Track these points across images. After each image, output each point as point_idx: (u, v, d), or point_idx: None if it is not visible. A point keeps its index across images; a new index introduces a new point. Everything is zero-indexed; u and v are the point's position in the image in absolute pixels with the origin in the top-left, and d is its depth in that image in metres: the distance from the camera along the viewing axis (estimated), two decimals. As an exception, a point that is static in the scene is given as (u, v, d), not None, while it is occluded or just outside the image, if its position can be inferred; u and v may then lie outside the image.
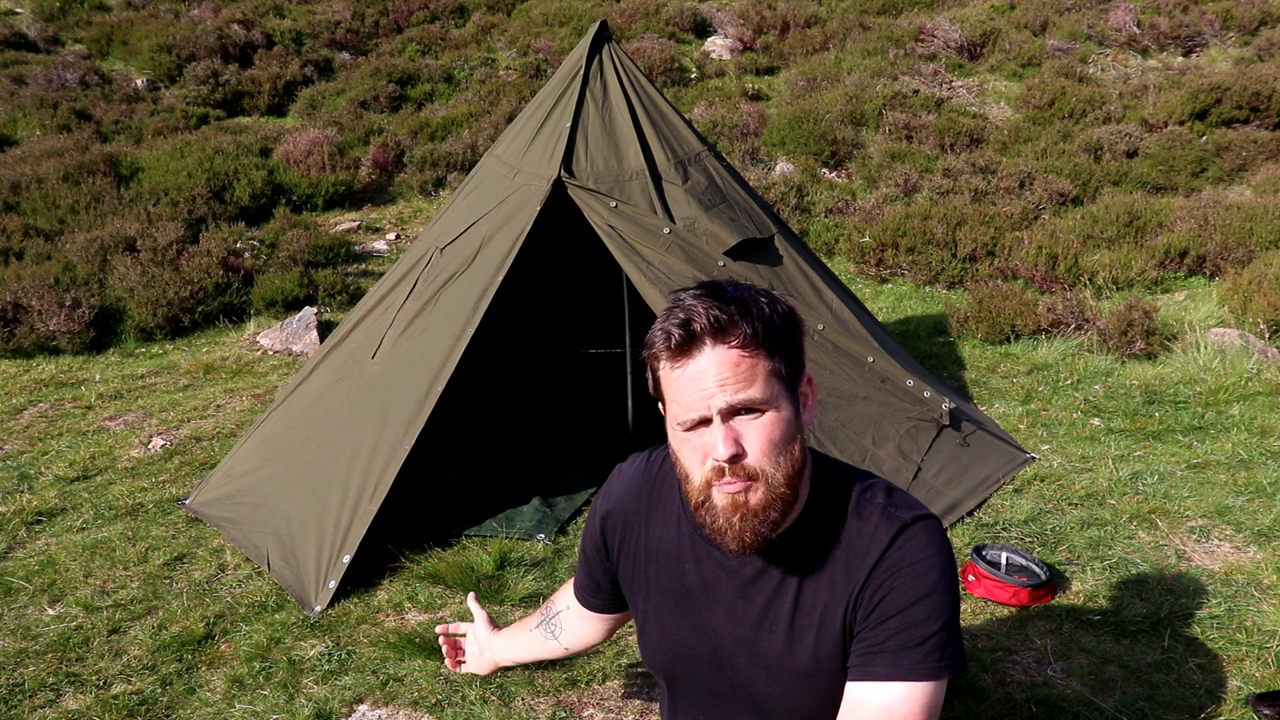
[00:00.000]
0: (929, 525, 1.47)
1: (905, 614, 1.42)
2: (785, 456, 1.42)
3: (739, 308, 1.39)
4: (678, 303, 1.42)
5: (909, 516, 1.47)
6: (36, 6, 14.53)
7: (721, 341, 1.38)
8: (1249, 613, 3.24)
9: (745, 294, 1.43)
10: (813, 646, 1.49)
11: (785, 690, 1.54)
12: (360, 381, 3.77)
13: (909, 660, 1.42)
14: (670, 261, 3.62)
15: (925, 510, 1.51)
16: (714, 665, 1.59)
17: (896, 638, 1.42)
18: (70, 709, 2.96)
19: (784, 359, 1.42)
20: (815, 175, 8.87)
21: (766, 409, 1.40)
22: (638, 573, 1.66)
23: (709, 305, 1.39)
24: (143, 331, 6.19)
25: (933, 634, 1.42)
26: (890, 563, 1.44)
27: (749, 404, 1.39)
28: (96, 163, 8.26)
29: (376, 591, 3.51)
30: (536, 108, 3.88)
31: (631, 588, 1.69)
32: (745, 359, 1.38)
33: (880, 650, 1.43)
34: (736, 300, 1.41)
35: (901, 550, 1.44)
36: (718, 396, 1.38)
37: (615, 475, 1.75)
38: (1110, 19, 12.32)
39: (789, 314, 1.45)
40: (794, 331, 1.46)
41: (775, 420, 1.41)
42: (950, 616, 1.45)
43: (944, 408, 3.89)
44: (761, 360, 1.39)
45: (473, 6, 14.68)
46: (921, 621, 1.42)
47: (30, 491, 4.28)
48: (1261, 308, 5.62)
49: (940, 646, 1.43)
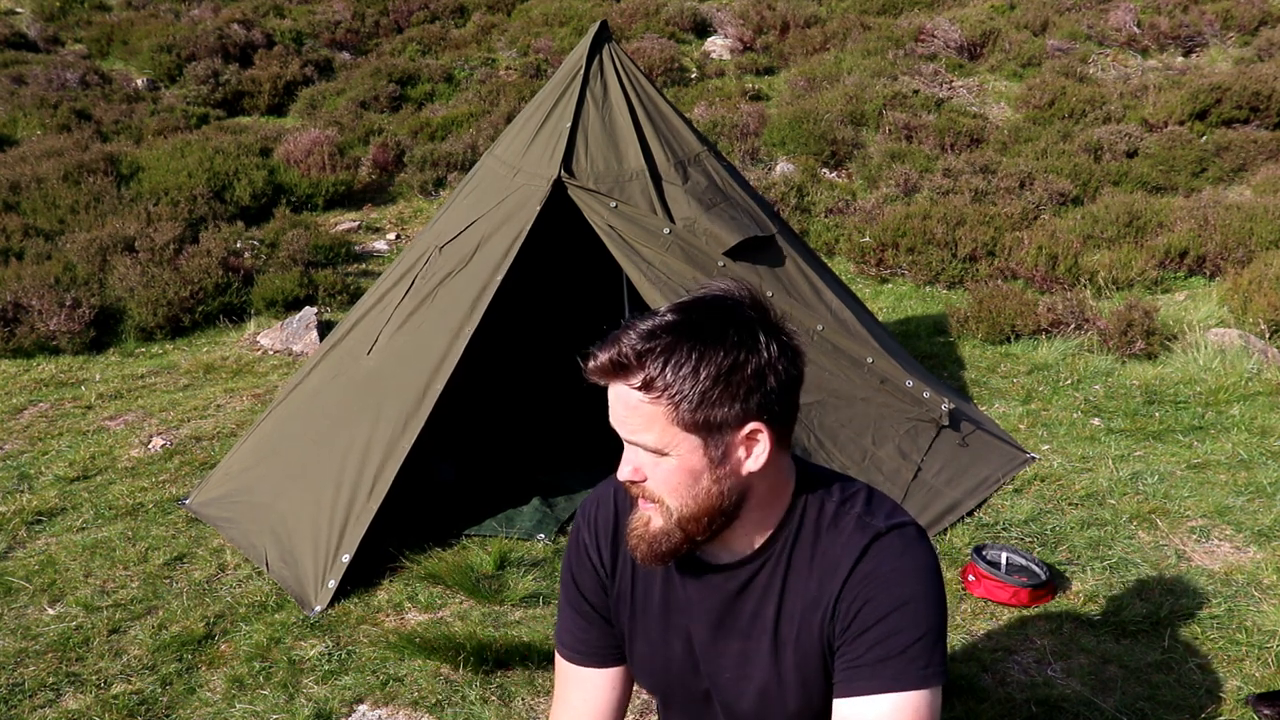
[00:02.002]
0: (905, 533, 1.44)
1: (883, 623, 1.38)
2: (690, 498, 1.39)
3: (662, 349, 1.32)
4: (626, 322, 1.39)
5: (884, 525, 1.43)
6: (36, 6, 14.53)
7: (623, 380, 1.36)
8: (1249, 613, 3.24)
9: (681, 338, 1.33)
10: (796, 661, 1.48)
11: (773, 706, 1.53)
12: (355, 378, 3.77)
13: (890, 671, 1.38)
14: (670, 262, 3.62)
15: (904, 518, 1.47)
16: (702, 681, 1.58)
17: (877, 648, 1.38)
18: (70, 709, 2.96)
19: (704, 411, 1.34)
20: (815, 175, 8.87)
21: (668, 455, 1.37)
22: (624, 597, 1.63)
23: (629, 338, 1.35)
24: (143, 331, 6.18)
25: (914, 641, 1.38)
26: (863, 573, 1.40)
27: (643, 446, 1.38)
28: (96, 163, 8.25)
29: (376, 591, 3.51)
30: (536, 108, 3.88)
31: (621, 612, 1.66)
32: (643, 404, 1.34)
33: (860, 663, 1.40)
34: (665, 343, 1.33)
35: (875, 560, 1.41)
36: (619, 426, 1.39)
37: (581, 517, 1.69)
38: (1110, 19, 12.32)
39: (732, 370, 1.33)
40: (734, 388, 1.34)
41: (675, 468, 1.37)
42: (934, 624, 1.40)
43: (943, 408, 3.89)
44: (664, 408, 1.34)
45: (473, 6, 14.67)
46: (901, 630, 1.38)
47: (30, 491, 4.28)
48: (1261, 308, 5.62)
49: (925, 653, 1.38)
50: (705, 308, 1.38)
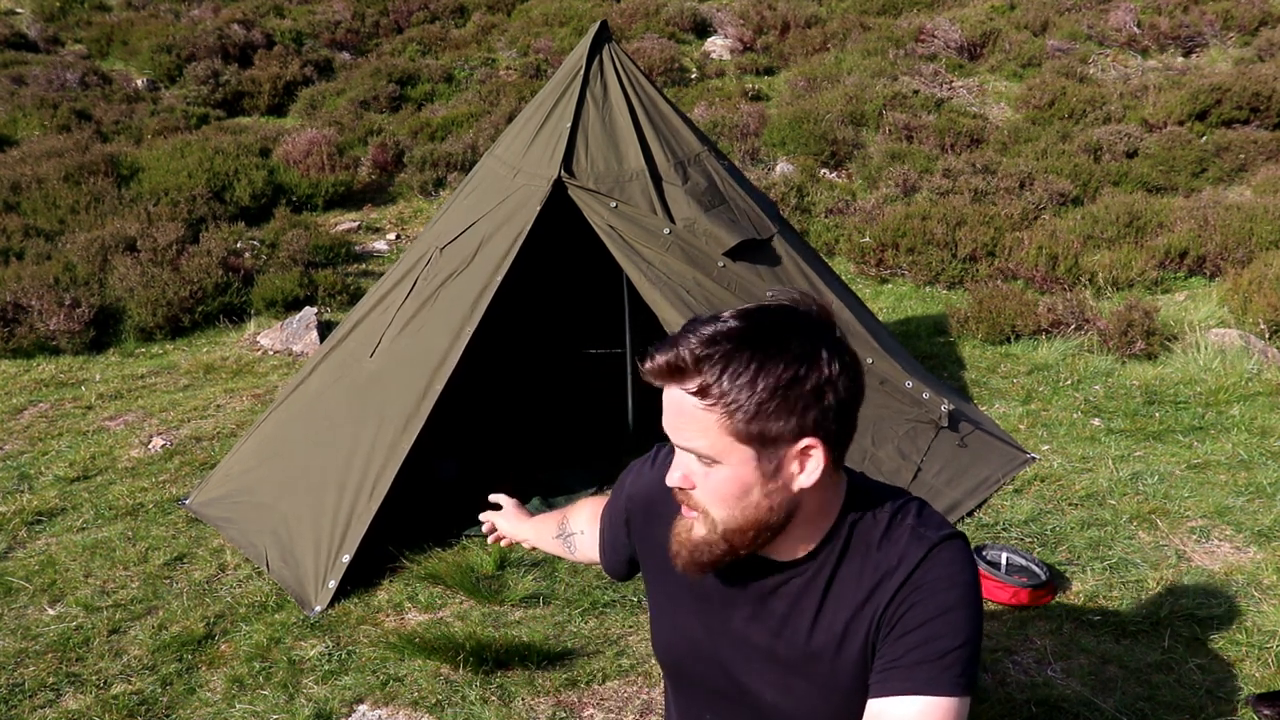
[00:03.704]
0: (956, 545, 1.44)
1: (925, 628, 1.39)
2: (738, 510, 1.38)
3: (722, 356, 1.30)
4: (687, 324, 1.36)
5: (937, 536, 1.44)
6: (36, 6, 14.53)
7: (679, 384, 1.33)
8: (1249, 613, 3.24)
9: (742, 346, 1.31)
10: (830, 664, 1.47)
11: (794, 705, 1.53)
12: (358, 380, 3.77)
13: (925, 674, 1.38)
14: (670, 262, 3.62)
15: (953, 530, 1.48)
16: (722, 669, 1.58)
17: (915, 652, 1.39)
18: (70, 709, 2.96)
19: (759, 423, 1.32)
20: (815, 175, 8.87)
21: (719, 464, 1.35)
22: (657, 559, 1.63)
23: (689, 342, 1.32)
24: (143, 331, 6.19)
25: (953, 649, 1.38)
26: (915, 581, 1.41)
27: (695, 453, 1.36)
28: (96, 163, 8.25)
29: (376, 591, 3.51)
30: (536, 108, 3.88)
31: (648, 575, 1.67)
32: (698, 410, 1.32)
33: (898, 665, 1.40)
34: (724, 350, 1.31)
35: (927, 569, 1.42)
36: (672, 432, 1.37)
37: (649, 459, 1.70)
38: (1110, 19, 12.32)
39: (791, 383, 1.31)
40: (792, 402, 1.32)
41: (726, 478, 1.36)
42: (971, 634, 1.40)
43: (943, 409, 3.90)
44: (718, 416, 1.32)
45: (473, 6, 14.68)
46: (941, 636, 1.38)
47: (30, 491, 4.29)
48: (1261, 308, 5.62)
49: (961, 662, 1.38)
50: (770, 317, 1.35)
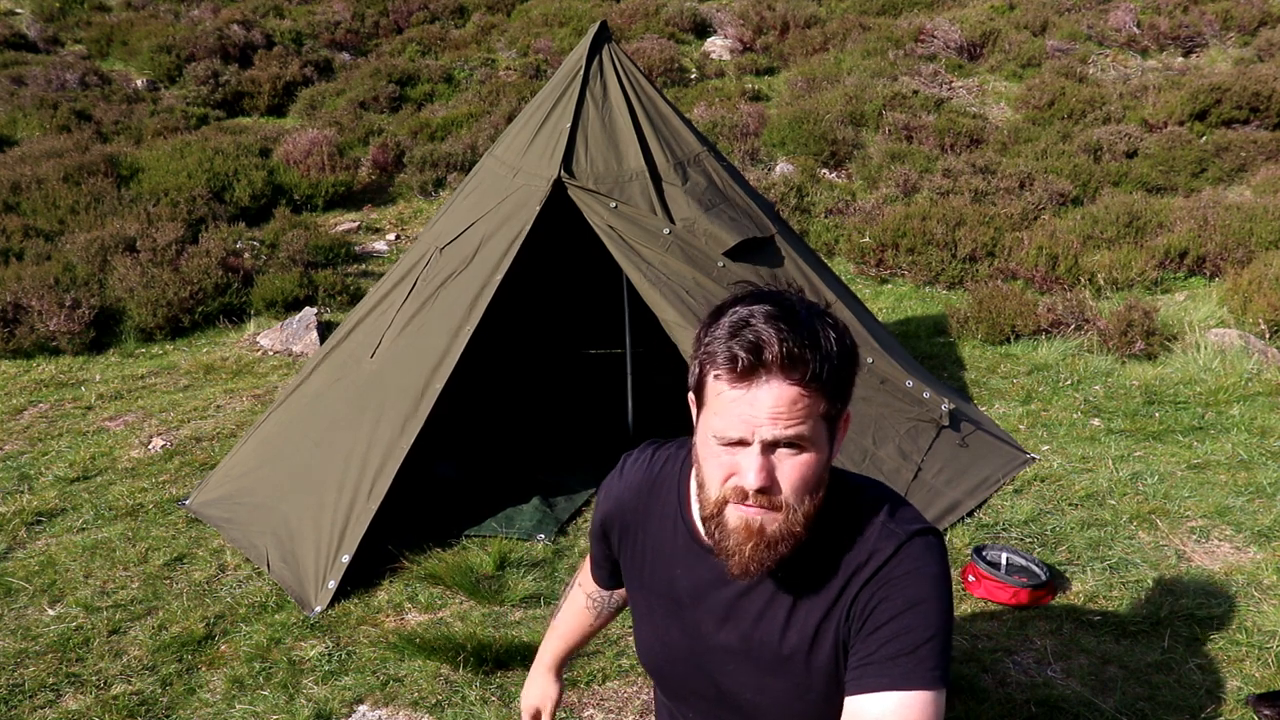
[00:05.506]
0: (927, 540, 1.45)
1: (896, 621, 1.40)
2: (811, 498, 1.38)
3: (811, 342, 1.31)
4: (747, 320, 1.33)
5: (906, 532, 1.45)
6: (36, 6, 14.54)
7: (787, 377, 1.31)
8: (1249, 613, 3.24)
9: (816, 322, 1.34)
10: (804, 662, 1.48)
11: (772, 702, 1.53)
12: (358, 381, 3.77)
13: (900, 669, 1.38)
14: (670, 262, 3.62)
15: (925, 524, 1.48)
16: (701, 672, 1.59)
17: (888, 646, 1.39)
18: (70, 709, 2.96)
19: (839, 399, 1.36)
20: (815, 175, 8.87)
21: (808, 449, 1.35)
22: (634, 570, 1.66)
23: (783, 333, 1.30)
24: (143, 332, 6.19)
25: (925, 641, 1.39)
26: (884, 576, 1.42)
27: (795, 440, 1.34)
28: (96, 163, 8.25)
29: (376, 592, 3.51)
30: (536, 108, 3.88)
31: (629, 583, 1.69)
32: (805, 398, 1.32)
33: (872, 660, 1.40)
34: (809, 331, 1.32)
35: (895, 563, 1.42)
36: (766, 428, 1.32)
37: (617, 473, 1.72)
38: (1110, 19, 12.32)
39: (850, 350, 1.37)
40: (852, 368, 1.38)
41: (812, 461, 1.36)
42: (942, 627, 1.41)
43: (943, 409, 3.90)
44: (818, 401, 1.33)
45: (473, 7, 14.68)
46: (913, 629, 1.39)
47: (30, 492, 4.28)
48: (1261, 308, 5.62)
49: (935, 654, 1.39)
50: (802, 302, 1.39)
